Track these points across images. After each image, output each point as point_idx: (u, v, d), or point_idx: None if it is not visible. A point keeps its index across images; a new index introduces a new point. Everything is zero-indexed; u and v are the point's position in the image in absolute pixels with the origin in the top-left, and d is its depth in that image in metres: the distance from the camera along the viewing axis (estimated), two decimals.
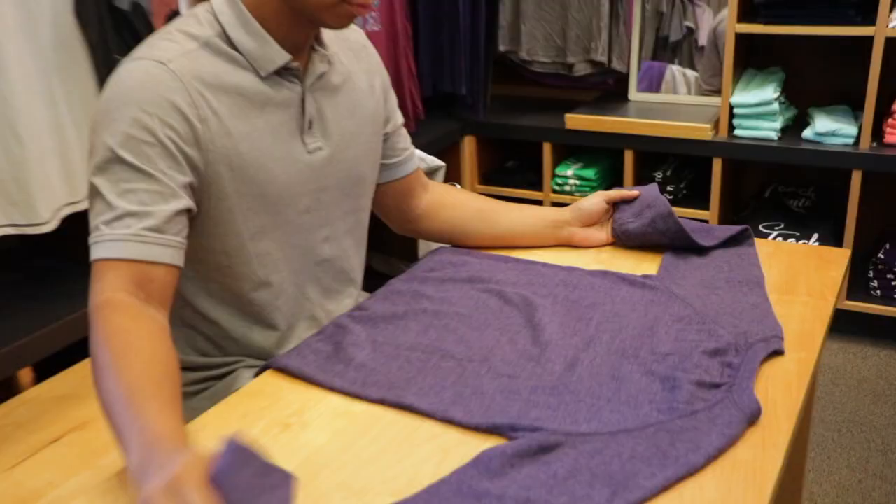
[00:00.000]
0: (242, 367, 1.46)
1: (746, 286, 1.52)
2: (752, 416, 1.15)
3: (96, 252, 1.20)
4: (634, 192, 1.70)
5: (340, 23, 1.33)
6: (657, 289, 1.51)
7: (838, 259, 1.67)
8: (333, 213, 1.48)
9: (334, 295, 1.54)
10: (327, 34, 1.45)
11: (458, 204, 1.72)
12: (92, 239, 1.21)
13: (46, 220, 2.10)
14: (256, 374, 1.33)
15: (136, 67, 1.25)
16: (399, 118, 1.65)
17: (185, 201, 1.25)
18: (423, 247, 3.07)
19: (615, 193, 1.71)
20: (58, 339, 2.05)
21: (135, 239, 1.19)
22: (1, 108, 2.01)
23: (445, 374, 1.28)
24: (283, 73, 1.36)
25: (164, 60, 1.26)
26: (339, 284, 1.54)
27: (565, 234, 1.72)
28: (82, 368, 2.12)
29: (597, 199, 1.71)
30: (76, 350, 2.09)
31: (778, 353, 1.33)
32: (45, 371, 2.09)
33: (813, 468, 2.57)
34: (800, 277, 1.59)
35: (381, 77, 1.59)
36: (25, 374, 2.02)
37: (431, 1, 3.42)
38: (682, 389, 1.20)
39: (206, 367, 1.47)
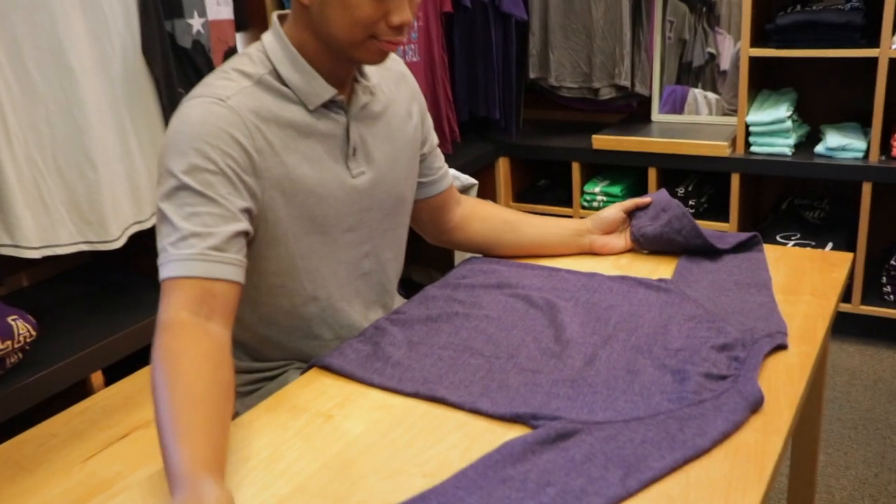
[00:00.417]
0: (292, 368, 1.49)
1: (754, 287, 1.53)
2: (756, 404, 1.17)
3: (164, 272, 1.22)
4: (647, 198, 1.73)
5: (373, 59, 1.34)
6: (671, 291, 1.52)
7: (841, 262, 1.68)
8: (375, 231, 1.50)
9: (373, 306, 1.55)
10: (369, 68, 1.47)
11: (487, 216, 1.73)
12: (160, 260, 1.23)
13: (116, 237, 2.13)
14: (303, 372, 1.36)
15: (199, 104, 1.28)
16: (434, 139, 1.66)
17: (244, 224, 1.27)
18: (459, 258, 3.09)
19: (630, 203, 1.73)
20: (125, 345, 2.09)
21: (198, 258, 1.21)
22: (77, 138, 2.06)
23: (474, 370, 1.30)
24: (328, 105, 1.38)
25: (223, 97, 1.29)
26: (378, 296, 1.56)
27: (586, 242, 1.73)
28: (147, 372, 2.12)
29: (615, 210, 1.73)
30: (142, 356, 2.11)
31: (782, 347, 1.34)
32: (114, 374, 2.13)
33: (830, 463, 2.55)
34: (804, 279, 1.60)
35: (419, 103, 1.60)
36: (97, 378, 2.05)
37: (466, 32, 3.43)
38: (690, 381, 1.21)
39: (259, 370, 1.51)
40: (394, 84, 1.54)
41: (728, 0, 3.43)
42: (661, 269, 1.66)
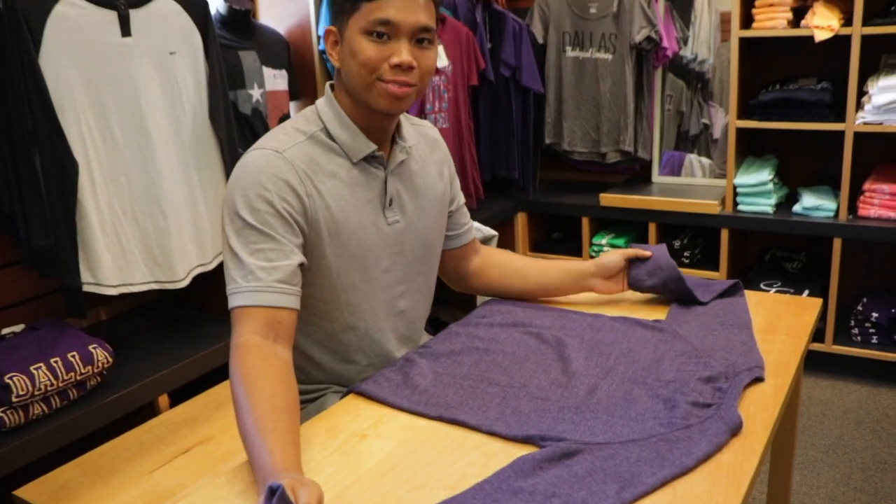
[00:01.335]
0: (330, 392, 1.50)
1: (737, 328, 1.54)
2: (735, 429, 1.17)
3: (234, 301, 1.25)
4: (647, 252, 1.69)
5: (383, 103, 1.33)
6: (665, 330, 1.53)
7: (812, 306, 1.68)
8: (408, 274, 1.51)
9: (406, 341, 1.56)
10: (407, 130, 1.48)
11: (499, 264, 1.71)
12: (230, 290, 1.26)
13: (182, 277, 2.16)
14: (342, 397, 1.37)
15: (259, 155, 1.32)
16: (461, 199, 1.66)
17: (300, 257, 1.31)
18: (480, 300, 3.10)
19: (632, 252, 1.69)
20: (188, 372, 2.12)
21: (266, 289, 1.24)
22: (152, 190, 2.11)
23: (491, 397, 1.31)
24: (369, 160, 1.41)
25: (280, 150, 1.32)
26: (411, 332, 1.57)
27: (589, 285, 1.70)
28: (207, 396, 2.18)
29: (616, 258, 1.68)
30: (202, 381, 2.17)
31: (759, 379, 1.35)
32: (178, 397, 2.15)
33: (804, 483, 2.53)
34: (780, 321, 1.60)
35: (449, 167, 1.62)
36: (163, 400, 2.07)
37: (490, 103, 3.47)
38: (679, 408, 1.22)
39: (302, 392, 1.51)
40: (428, 148, 1.56)
41: (720, 78, 3.46)
42: (657, 311, 1.66)
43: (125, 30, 2.04)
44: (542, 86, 3.52)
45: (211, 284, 2.24)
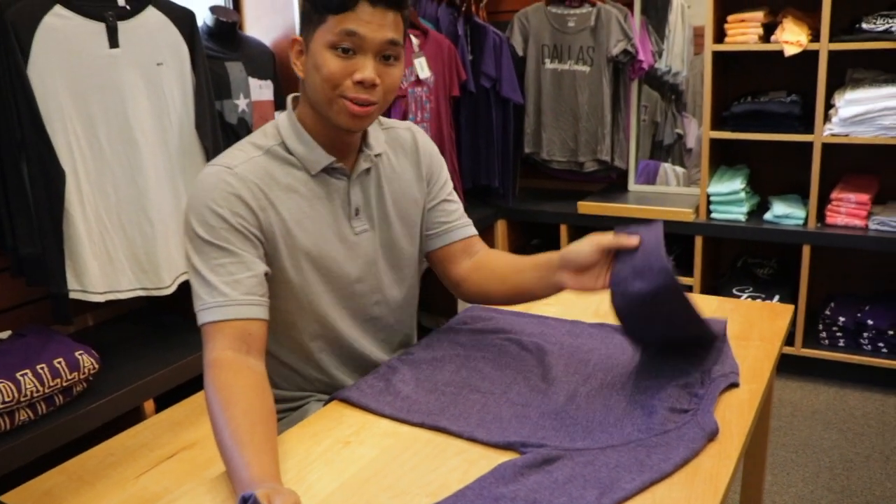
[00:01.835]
0: (313, 400, 1.46)
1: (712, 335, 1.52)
2: (712, 434, 1.16)
3: (203, 318, 1.23)
4: (634, 239, 1.28)
5: (344, 120, 1.28)
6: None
7: (784, 312, 1.68)
8: (383, 282, 1.47)
9: (385, 347, 1.53)
10: (376, 137, 1.42)
11: (481, 265, 1.52)
12: (197, 307, 1.24)
13: (168, 284, 2.14)
14: (325, 405, 1.35)
15: (211, 173, 1.29)
16: (441, 196, 1.53)
17: (263, 267, 1.28)
18: (462, 306, 3.08)
19: (608, 242, 1.30)
20: (174, 378, 2.09)
21: (232, 303, 1.22)
22: (138, 199, 2.08)
23: (472, 403, 1.29)
24: (329, 171, 1.36)
25: (232, 166, 1.29)
26: (390, 336, 1.53)
27: (557, 280, 1.38)
28: (192, 401, 2.15)
29: (586, 250, 1.32)
30: (187, 386, 2.13)
31: (734, 385, 1.34)
32: (163, 402, 2.12)
33: (775, 482, 2.53)
34: (754, 327, 1.60)
35: (430, 164, 1.52)
36: (149, 405, 2.04)
37: (471, 113, 3.45)
38: (657, 414, 1.21)
39: (285, 400, 1.48)
40: (403, 153, 1.49)
41: (693, 89, 3.46)
42: None
43: (113, 41, 2.01)
44: (522, 97, 3.51)
45: None
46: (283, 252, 1.33)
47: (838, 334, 3.11)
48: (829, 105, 2.95)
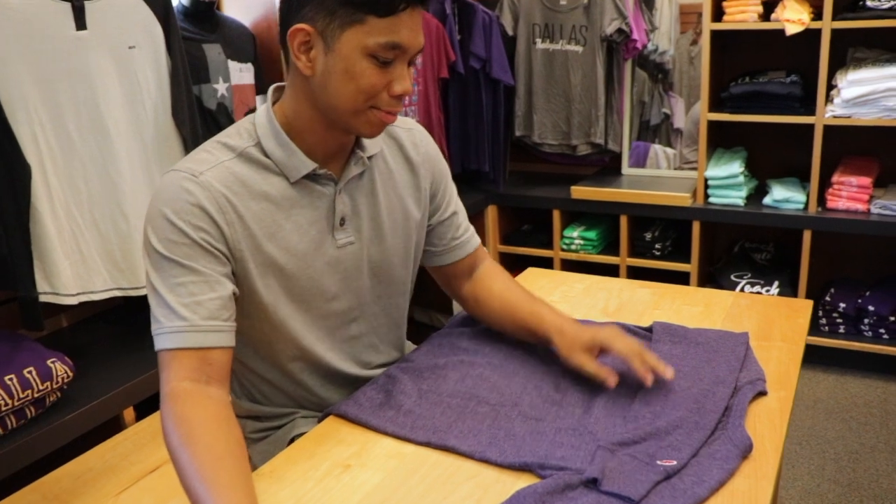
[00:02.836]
0: (299, 417, 1.35)
1: (731, 339, 1.43)
2: (746, 451, 1.08)
3: (159, 343, 1.10)
4: (669, 372, 1.24)
5: (372, 130, 1.18)
6: (659, 340, 1.43)
7: (803, 308, 1.61)
8: (364, 299, 1.33)
9: (366, 366, 1.39)
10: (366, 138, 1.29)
11: (489, 298, 1.45)
12: (154, 329, 1.11)
13: (145, 284, 2.03)
14: (319, 420, 1.25)
15: (173, 180, 1.14)
16: (450, 209, 1.43)
17: (229, 286, 1.15)
18: (457, 307, 2.98)
19: (597, 341, 1.28)
20: (155, 383, 1.92)
21: (191, 329, 1.09)
22: (112, 193, 1.97)
23: (481, 418, 1.20)
24: (313, 177, 1.22)
25: (197, 173, 1.14)
26: (370, 355, 1.39)
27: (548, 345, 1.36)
28: None
29: (575, 354, 1.29)
30: None
31: (762, 393, 1.25)
32: (144, 410, 2.00)
33: (782, 476, 2.47)
34: (774, 325, 1.52)
35: (433, 172, 1.39)
36: (128, 413, 1.93)
37: (460, 96, 3.37)
38: (682, 429, 1.12)
39: (267, 417, 1.37)
40: (401, 155, 1.35)
41: (679, 69, 3.41)
42: (646, 315, 1.56)
43: (80, 22, 1.88)
44: (513, 78, 3.42)
45: None
46: (253, 271, 1.19)
47: (838, 321, 3.05)
48: (830, 86, 2.87)
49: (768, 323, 1.53)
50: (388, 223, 1.32)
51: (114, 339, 2.16)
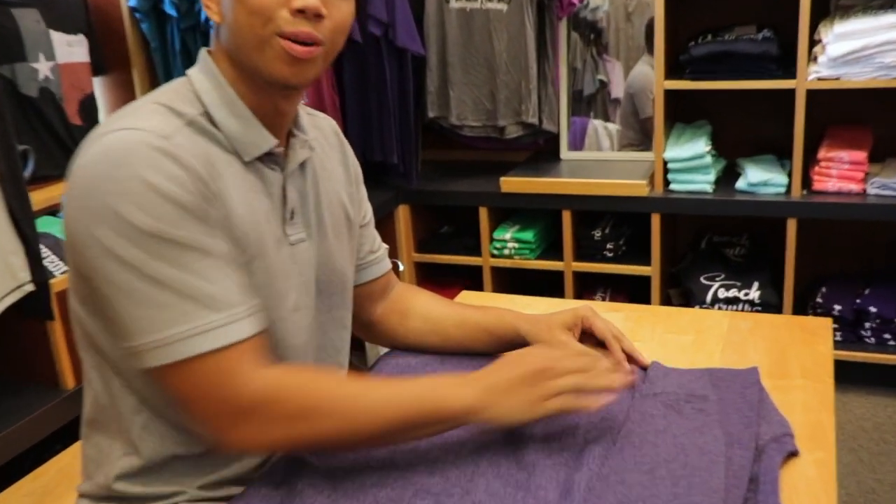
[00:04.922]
0: (183, 500, 1.19)
1: (736, 379, 1.31)
2: None
3: (190, 348, 1.04)
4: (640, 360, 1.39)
5: (280, 69, 1.13)
6: (645, 381, 1.30)
7: (822, 330, 1.54)
8: (321, 310, 1.30)
9: None
10: (304, 119, 1.28)
11: (408, 311, 1.52)
12: (167, 337, 1.04)
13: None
14: None
15: (134, 139, 1.05)
16: (368, 216, 1.47)
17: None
18: (371, 350, 2.82)
19: (575, 321, 1.44)
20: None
21: (253, 312, 1.10)
22: None
23: None
24: (264, 159, 1.19)
25: (164, 135, 1.07)
26: None
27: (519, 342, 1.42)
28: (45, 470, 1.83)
29: (553, 333, 1.41)
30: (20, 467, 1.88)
31: (793, 454, 1.15)
32: None
33: None
34: (789, 356, 1.44)
35: (355, 168, 1.43)
36: None
37: (357, 70, 3.28)
38: None
39: (139, 499, 1.19)
40: (328, 144, 1.37)
41: (615, 27, 3.42)
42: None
43: None
44: (422, 46, 3.34)
45: None
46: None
47: (833, 326, 3.01)
48: (812, 42, 2.86)
49: (781, 352, 1.45)
50: (330, 222, 1.31)
51: None
